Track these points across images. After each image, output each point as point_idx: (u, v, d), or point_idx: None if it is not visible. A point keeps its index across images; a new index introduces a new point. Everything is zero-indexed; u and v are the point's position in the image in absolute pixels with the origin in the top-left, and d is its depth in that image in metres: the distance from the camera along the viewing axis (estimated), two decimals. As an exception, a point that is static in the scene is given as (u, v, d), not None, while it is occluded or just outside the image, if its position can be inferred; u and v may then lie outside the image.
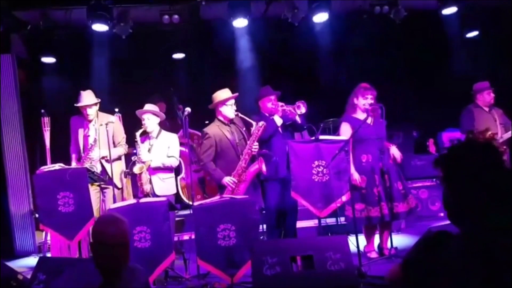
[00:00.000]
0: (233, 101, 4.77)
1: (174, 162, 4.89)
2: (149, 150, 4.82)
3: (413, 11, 6.32)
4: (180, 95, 7.02)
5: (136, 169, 4.67)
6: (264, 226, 5.37)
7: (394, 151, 4.60)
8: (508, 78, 6.56)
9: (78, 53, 6.45)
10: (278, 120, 4.86)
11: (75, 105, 5.05)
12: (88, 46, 6.28)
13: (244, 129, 4.82)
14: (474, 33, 6.89)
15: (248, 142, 4.64)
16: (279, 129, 4.89)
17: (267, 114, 4.99)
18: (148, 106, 4.95)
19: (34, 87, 6.60)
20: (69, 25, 6.21)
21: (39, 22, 5.95)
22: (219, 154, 4.66)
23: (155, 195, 4.58)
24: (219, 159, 4.66)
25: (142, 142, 4.88)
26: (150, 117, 4.90)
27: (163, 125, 6.65)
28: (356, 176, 4.43)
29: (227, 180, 4.54)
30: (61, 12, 6.05)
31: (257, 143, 4.59)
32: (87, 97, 5.04)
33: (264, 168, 4.56)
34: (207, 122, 5.08)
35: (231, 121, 4.79)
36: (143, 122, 4.86)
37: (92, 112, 5.02)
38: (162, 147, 4.86)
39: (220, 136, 4.67)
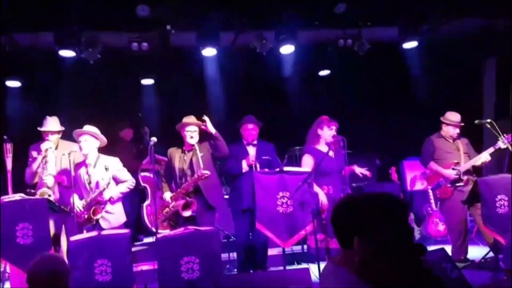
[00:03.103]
0: (194, 128, 4.80)
1: (130, 184, 4.73)
2: (89, 183, 4.59)
3: (376, 44, 6.56)
4: (149, 121, 7.02)
5: (96, 216, 4.50)
6: (232, 254, 5.42)
7: (358, 170, 4.77)
8: (469, 107, 6.87)
9: (44, 77, 6.37)
10: (252, 151, 4.97)
11: (38, 128, 5.02)
12: (55, 70, 6.24)
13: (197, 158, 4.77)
14: (435, 65, 7.19)
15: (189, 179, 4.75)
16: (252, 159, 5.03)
17: (245, 142, 5.11)
18: (87, 127, 4.70)
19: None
20: (36, 48, 6.16)
21: (4, 46, 5.86)
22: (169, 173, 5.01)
23: (100, 229, 4.43)
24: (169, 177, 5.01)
25: (78, 169, 4.64)
26: (88, 138, 4.62)
27: (130, 151, 6.68)
28: (323, 198, 4.59)
29: (165, 195, 4.90)
30: (27, 36, 6.00)
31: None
32: (52, 123, 5.01)
33: (182, 211, 4.69)
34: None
35: (192, 148, 4.81)
36: (79, 145, 4.63)
37: (53, 138, 4.98)
38: (106, 175, 4.54)
39: (171, 159, 4.95)
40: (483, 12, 6.21)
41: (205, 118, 4.70)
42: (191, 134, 4.77)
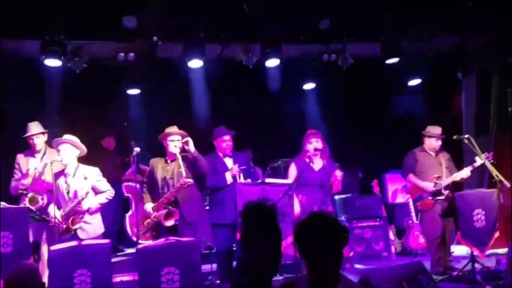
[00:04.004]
0: (177, 137, 4.81)
1: (109, 195, 4.75)
2: (68, 192, 4.57)
3: (360, 59, 6.69)
4: (134, 131, 7.03)
5: (74, 225, 4.48)
6: (214, 265, 5.43)
7: (337, 173, 4.88)
8: (449, 123, 7.04)
9: (30, 85, 6.36)
10: (230, 163, 4.99)
11: (23, 136, 5.04)
12: (40, 79, 6.22)
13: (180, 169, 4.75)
14: (417, 81, 7.35)
15: (171, 188, 4.74)
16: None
17: (221, 155, 5.13)
18: (66, 136, 4.72)
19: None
20: (21, 56, 6.16)
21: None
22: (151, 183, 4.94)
23: (78, 239, 4.42)
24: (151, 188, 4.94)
25: (57, 179, 4.62)
26: (68, 147, 4.64)
27: (113, 160, 6.67)
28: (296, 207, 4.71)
29: (147, 206, 4.81)
30: (13, 43, 5.99)
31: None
32: (34, 127, 5.05)
33: (164, 221, 4.67)
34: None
35: (175, 158, 4.81)
36: (58, 154, 4.64)
37: (39, 141, 5.01)
38: (85, 185, 4.59)
39: (154, 169, 4.90)
40: (463, 30, 6.38)
41: (187, 138, 4.71)
42: (175, 144, 4.78)
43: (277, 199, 4.44)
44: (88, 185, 4.58)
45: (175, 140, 4.78)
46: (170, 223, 4.66)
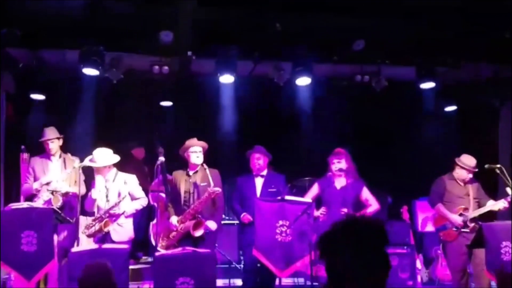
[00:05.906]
0: (198, 148, 4.87)
1: (144, 202, 4.92)
2: (107, 196, 4.72)
3: (394, 82, 6.60)
4: (163, 141, 7.17)
5: (106, 227, 4.61)
6: (233, 280, 5.40)
7: None
8: (485, 151, 6.79)
9: (68, 93, 6.63)
10: (259, 183, 5.02)
11: (39, 140, 5.27)
12: (79, 87, 6.48)
13: (204, 184, 4.80)
14: (452, 108, 7.18)
15: (198, 199, 4.73)
16: (258, 190, 5.12)
17: (254, 174, 5.16)
18: (105, 159, 4.80)
19: (21, 122, 6.72)
20: (62, 65, 6.44)
21: (32, 60, 6.16)
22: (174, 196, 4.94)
23: (111, 241, 4.56)
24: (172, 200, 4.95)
25: (94, 186, 4.80)
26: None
27: (141, 170, 6.81)
28: None
29: (172, 219, 4.80)
30: (53, 52, 6.29)
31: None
32: (49, 132, 5.26)
33: (193, 231, 4.63)
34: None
35: (197, 170, 4.88)
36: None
37: (54, 146, 5.23)
38: (124, 189, 4.79)
39: (176, 182, 4.94)
40: (500, 59, 6.21)
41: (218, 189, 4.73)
42: (197, 155, 4.84)
43: (295, 217, 4.41)
44: (127, 190, 4.80)
45: (197, 151, 4.84)
46: (199, 233, 4.64)
